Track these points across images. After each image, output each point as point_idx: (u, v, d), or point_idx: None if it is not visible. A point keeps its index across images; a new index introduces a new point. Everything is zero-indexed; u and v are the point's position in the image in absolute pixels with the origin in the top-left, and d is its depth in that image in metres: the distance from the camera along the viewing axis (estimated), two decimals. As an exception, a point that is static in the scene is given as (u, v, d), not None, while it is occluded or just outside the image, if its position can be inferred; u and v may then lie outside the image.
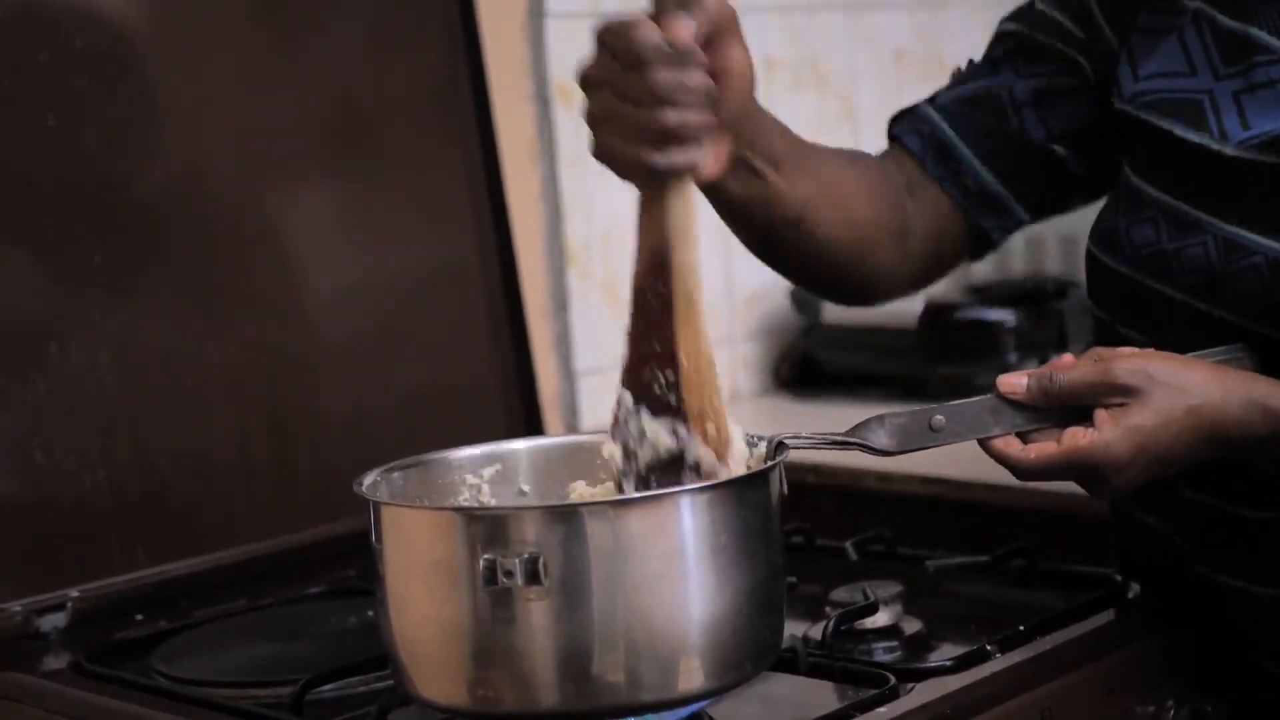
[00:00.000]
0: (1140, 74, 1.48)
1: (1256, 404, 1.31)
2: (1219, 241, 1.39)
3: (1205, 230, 1.40)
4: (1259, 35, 1.42)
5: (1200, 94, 1.43)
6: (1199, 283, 1.40)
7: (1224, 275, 1.39)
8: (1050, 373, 1.34)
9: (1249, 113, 1.40)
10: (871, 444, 1.34)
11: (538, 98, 2.31)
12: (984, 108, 1.57)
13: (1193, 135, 1.42)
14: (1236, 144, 1.39)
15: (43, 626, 1.69)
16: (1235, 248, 1.38)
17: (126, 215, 1.83)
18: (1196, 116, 1.42)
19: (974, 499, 1.90)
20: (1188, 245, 1.41)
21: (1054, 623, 1.50)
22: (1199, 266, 1.40)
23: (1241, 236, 1.38)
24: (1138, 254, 1.45)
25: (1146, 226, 1.44)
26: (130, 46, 1.86)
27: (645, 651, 1.21)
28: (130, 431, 1.81)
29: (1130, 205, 1.47)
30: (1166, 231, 1.43)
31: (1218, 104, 1.42)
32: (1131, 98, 1.48)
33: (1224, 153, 1.40)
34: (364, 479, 1.31)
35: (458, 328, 2.10)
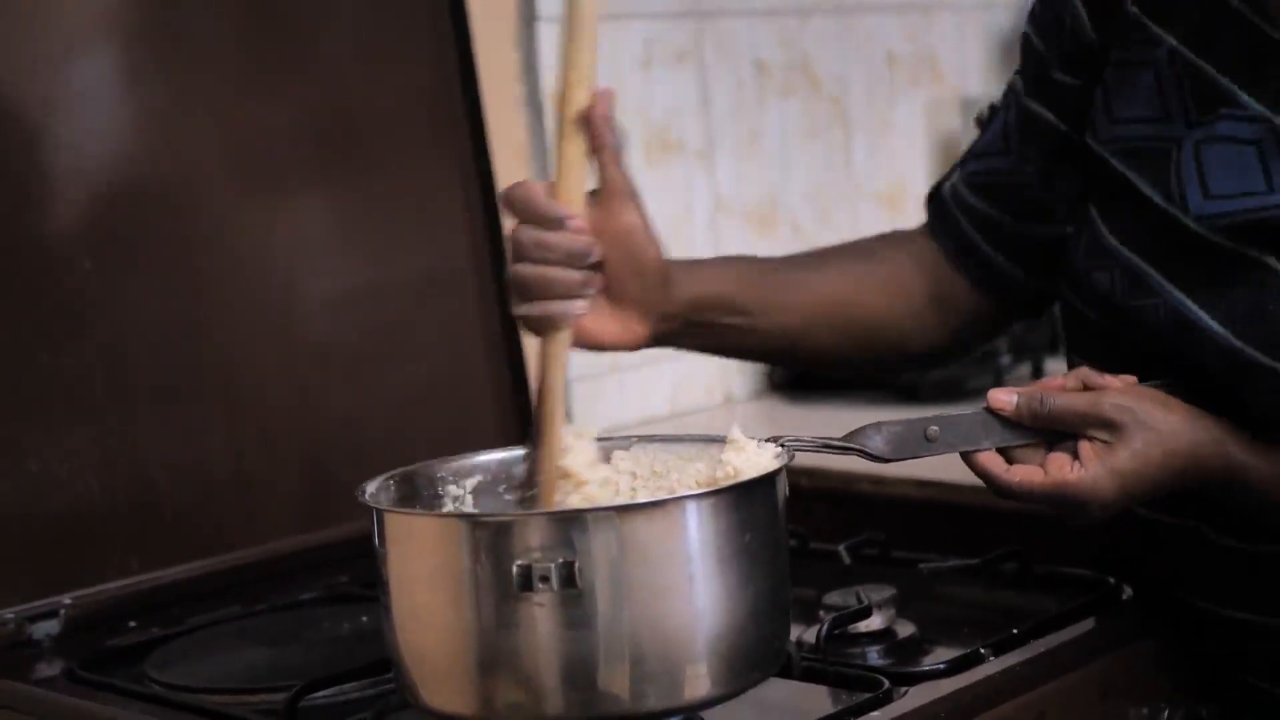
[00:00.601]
0: (1115, 115, 1.47)
1: (1220, 451, 1.35)
2: (1169, 311, 1.40)
3: (1157, 294, 1.41)
4: (1228, 86, 1.40)
5: (1169, 143, 1.42)
6: (1154, 344, 1.42)
7: (1176, 345, 1.40)
8: (1040, 395, 1.36)
9: (1209, 173, 1.39)
10: (868, 449, 1.36)
11: (529, 103, 2.31)
12: (1005, 198, 1.58)
13: (1157, 197, 1.41)
14: (1197, 218, 1.38)
15: (35, 634, 1.69)
16: (1185, 323, 1.39)
17: (117, 222, 1.83)
18: (1163, 174, 1.41)
19: (967, 502, 1.90)
20: (1142, 305, 1.42)
21: (1047, 626, 1.50)
22: (1154, 330, 1.41)
23: (1194, 314, 1.38)
24: (1096, 301, 1.46)
25: (1103, 276, 1.45)
26: (120, 54, 1.85)
27: (653, 658, 1.21)
28: (122, 438, 1.81)
29: (1090, 250, 1.47)
30: (1121, 286, 1.43)
31: (1182, 159, 1.40)
32: (1106, 141, 1.47)
33: (1186, 224, 1.39)
34: (367, 486, 1.31)
35: (450, 333, 2.09)
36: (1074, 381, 1.37)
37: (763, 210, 2.63)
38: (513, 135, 2.29)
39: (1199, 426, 1.35)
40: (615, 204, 1.38)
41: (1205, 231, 1.38)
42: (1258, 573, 1.44)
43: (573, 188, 1.36)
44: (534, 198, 1.34)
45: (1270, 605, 1.45)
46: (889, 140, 2.81)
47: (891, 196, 2.81)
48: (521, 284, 1.34)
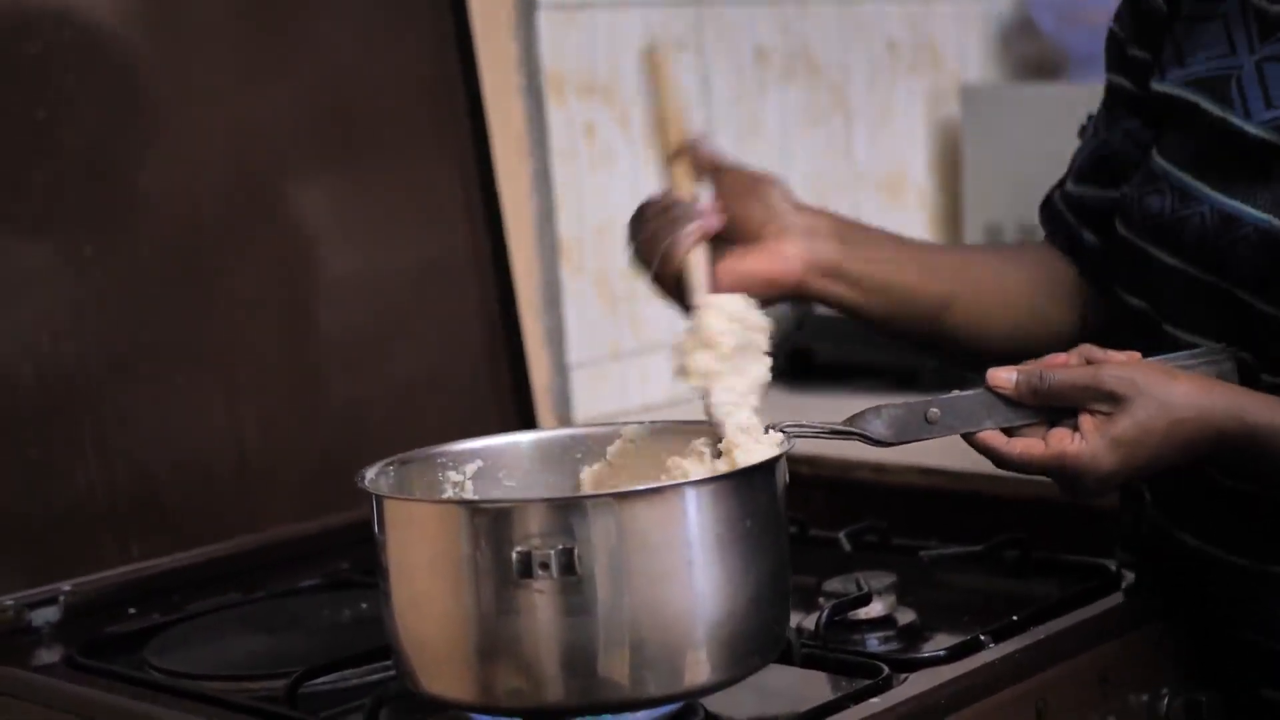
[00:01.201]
0: (1185, 59, 1.50)
1: (1235, 415, 1.34)
2: (1214, 213, 1.41)
3: (1203, 201, 1.43)
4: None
5: (1233, 69, 1.45)
6: (1199, 252, 1.43)
7: (1218, 245, 1.41)
8: (1040, 371, 1.35)
9: (1272, 86, 1.42)
10: (869, 434, 1.35)
11: (529, 91, 2.31)
12: (1097, 172, 1.60)
13: (1217, 109, 1.44)
14: (1260, 123, 1.41)
15: (35, 621, 1.69)
16: (1229, 219, 1.40)
17: (117, 208, 1.83)
18: (1224, 91, 1.44)
19: (968, 489, 1.90)
20: (1188, 214, 1.43)
21: (1048, 613, 1.50)
22: (1197, 236, 1.42)
23: (1236, 208, 1.40)
24: (1146, 223, 1.47)
25: (1155, 198, 1.47)
26: (120, 40, 1.85)
27: (653, 645, 1.21)
28: (123, 425, 1.81)
29: (1144, 178, 1.50)
30: (1172, 201, 1.45)
31: (1244, 78, 1.44)
32: (1173, 80, 1.50)
33: (1245, 130, 1.42)
34: (366, 472, 1.31)
35: (450, 322, 2.09)
36: (1076, 358, 1.37)
37: (763, 198, 2.62)
38: (512, 124, 2.28)
39: (1208, 393, 1.34)
40: (716, 173, 1.48)
41: (1264, 134, 1.40)
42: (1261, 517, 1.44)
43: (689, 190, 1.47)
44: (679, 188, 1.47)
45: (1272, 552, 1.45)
46: (889, 127, 2.81)
47: (892, 184, 2.81)
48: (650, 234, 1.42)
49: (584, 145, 2.36)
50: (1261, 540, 1.45)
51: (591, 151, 2.36)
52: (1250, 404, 1.35)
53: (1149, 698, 1.50)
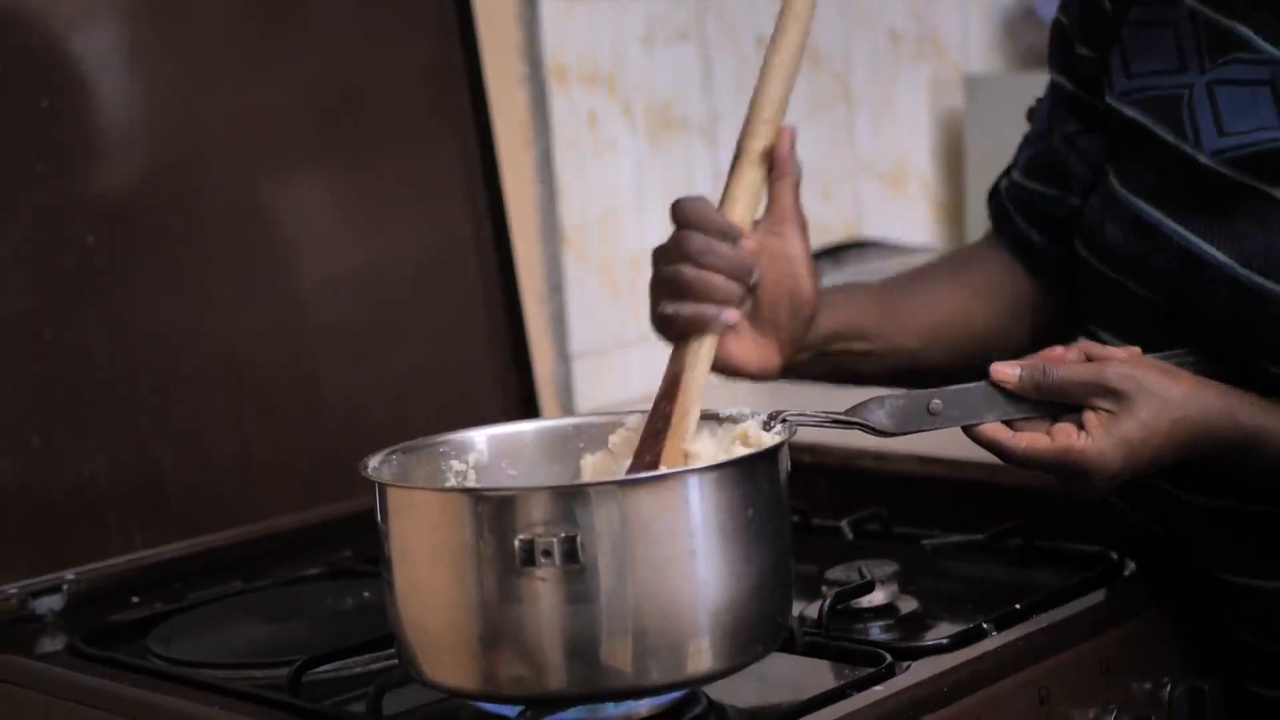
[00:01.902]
0: (1132, 70, 1.49)
1: (1230, 416, 1.35)
2: (1177, 251, 1.41)
3: (1164, 236, 1.42)
4: (1244, 33, 1.43)
5: (1183, 89, 1.44)
6: (1165, 289, 1.43)
7: (1184, 286, 1.41)
8: (1042, 366, 1.35)
9: (1224, 112, 1.41)
10: (871, 424, 1.35)
11: (532, 79, 2.31)
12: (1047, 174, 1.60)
13: (1170, 135, 1.44)
14: (1211, 153, 1.40)
15: (39, 609, 1.70)
16: (1193, 260, 1.40)
17: (121, 198, 1.83)
18: (1175, 115, 1.44)
19: (970, 478, 1.90)
20: (1149, 252, 1.43)
21: (1050, 601, 1.50)
22: (1161, 274, 1.42)
23: (1199, 248, 1.40)
24: (1110, 253, 1.47)
25: (1115, 228, 1.47)
26: (125, 29, 1.85)
27: (655, 633, 1.21)
28: (125, 414, 1.81)
29: (1104, 203, 1.49)
30: (1133, 236, 1.45)
31: (1195, 101, 1.43)
32: (1122, 94, 1.49)
33: (1197, 160, 1.41)
34: (369, 461, 1.31)
35: (453, 310, 2.09)
36: (1076, 353, 1.37)
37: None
38: (515, 113, 2.28)
39: (1207, 394, 1.35)
40: (785, 230, 1.41)
41: (1217, 165, 1.40)
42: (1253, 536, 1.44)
43: (744, 212, 1.40)
44: (709, 209, 1.38)
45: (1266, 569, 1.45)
46: (892, 117, 2.81)
47: (894, 173, 2.81)
48: (680, 284, 1.37)
49: (586, 134, 2.36)
50: (1253, 557, 1.46)
51: (594, 140, 2.36)
52: (1244, 406, 1.36)
53: (1151, 686, 1.50)
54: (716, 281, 1.36)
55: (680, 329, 1.38)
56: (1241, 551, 1.46)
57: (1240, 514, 1.44)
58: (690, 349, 1.37)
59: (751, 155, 1.39)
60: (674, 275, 1.37)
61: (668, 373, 1.37)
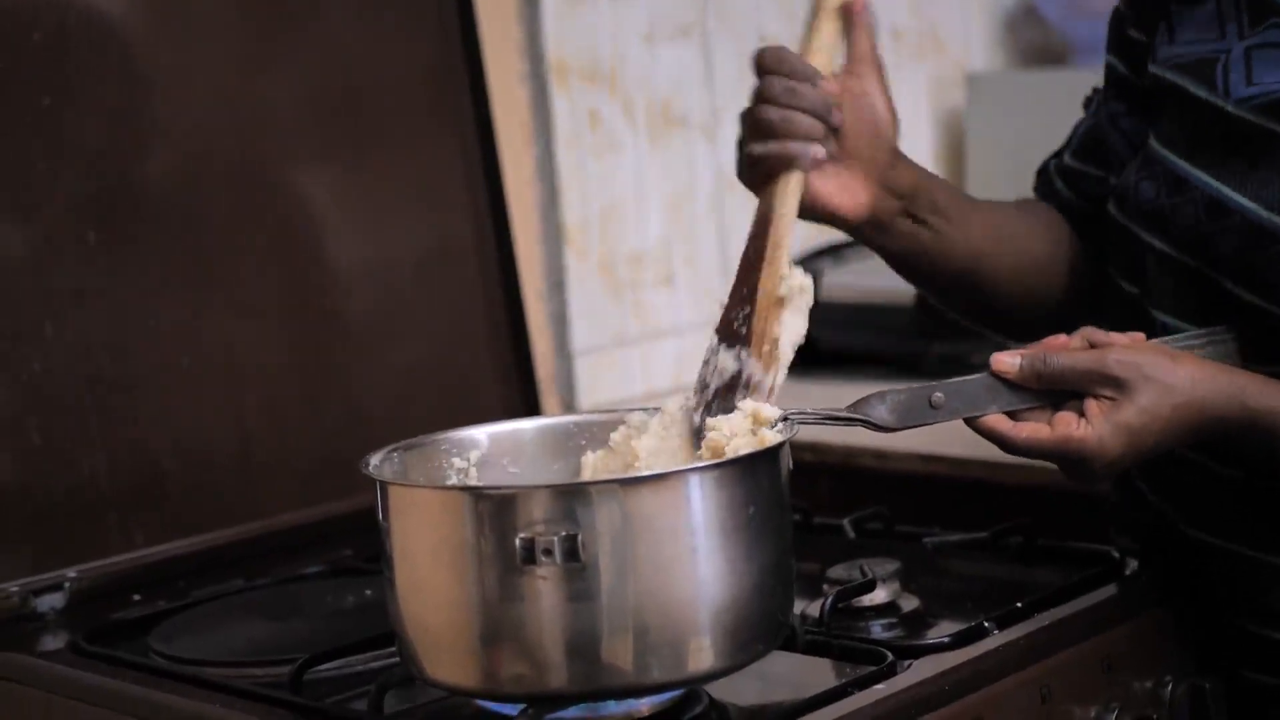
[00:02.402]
0: (1176, 40, 1.51)
1: (1236, 399, 1.35)
2: (1204, 200, 1.42)
3: (1193, 188, 1.43)
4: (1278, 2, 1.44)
5: (1220, 53, 1.46)
6: (1188, 239, 1.43)
7: (1208, 233, 1.41)
8: (1044, 354, 1.35)
9: (1256, 69, 1.43)
10: (873, 419, 1.35)
11: (533, 77, 2.31)
12: (1092, 152, 1.61)
13: (1202, 91, 1.45)
14: (1237, 101, 1.42)
15: (40, 607, 1.69)
16: (1218, 207, 1.41)
17: (122, 195, 1.83)
18: (1209, 73, 1.45)
19: (972, 476, 1.90)
20: (1179, 203, 1.44)
21: (1052, 599, 1.50)
22: (1188, 224, 1.43)
23: (1224, 195, 1.41)
24: (1140, 209, 1.48)
25: (1149, 184, 1.48)
26: (126, 27, 1.85)
27: (656, 631, 1.21)
28: (126, 412, 1.81)
29: (1141, 163, 1.50)
30: (1165, 188, 1.46)
31: (1230, 61, 1.44)
32: (1164, 61, 1.50)
33: (1225, 109, 1.42)
34: (371, 459, 1.31)
35: (454, 308, 2.09)
36: (1078, 341, 1.37)
37: (767, 185, 2.62)
38: (516, 111, 2.29)
39: (1210, 378, 1.35)
40: (863, 69, 1.47)
41: (1243, 113, 1.41)
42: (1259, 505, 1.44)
43: (824, 60, 1.45)
44: (789, 55, 1.42)
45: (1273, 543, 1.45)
46: (893, 114, 2.80)
47: (896, 171, 2.81)
48: (764, 124, 1.40)
49: (588, 132, 2.36)
50: (1259, 528, 1.45)
51: (595, 138, 2.36)
52: (1251, 388, 1.35)
53: (1153, 684, 1.49)
54: (800, 119, 1.40)
55: (768, 168, 1.41)
56: (1251, 521, 1.45)
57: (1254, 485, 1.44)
58: (778, 186, 1.41)
59: (828, 7, 1.45)
60: (758, 116, 1.41)
61: (758, 212, 1.41)
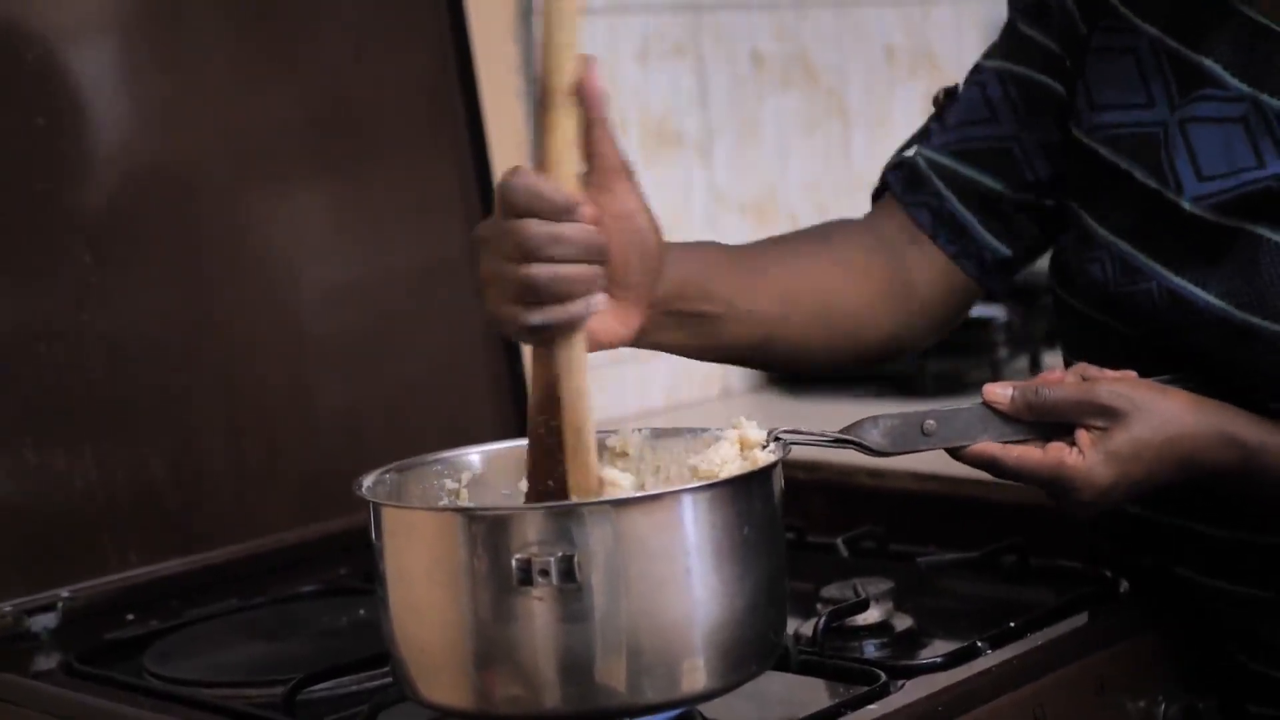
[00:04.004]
0: (1098, 102, 1.47)
1: (1226, 434, 1.34)
2: (1164, 292, 1.40)
3: (1150, 278, 1.41)
4: (1211, 68, 1.42)
5: (1156, 128, 1.43)
6: (1151, 326, 1.42)
7: (1173, 324, 1.40)
8: (1036, 387, 1.36)
9: (1199, 153, 1.40)
10: (865, 443, 1.35)
11: (528, 95, 2.31)
12: (984, 165, 1.54)
13: (1151, 181, 1.42)
14: (1192, 199, 1.39)
15: (33, 627, 1.69)
16: (1182, 301, 1.39)
17: (116, 214, 1.83)
18: (1153, 158, 1.42)
19: (965, 495, 1.90)
20: (1135, 290, 1.42)
21: (1045, 619, 1.50)
22: (1148, 311, 1.41)
23: (1189, 291, 1.39)
24: (1090, 292, 1.46)
25: (1096, 266, 1.45)
26: (120, 46, 1.86)
27: (650, 652, 1.21)
28: (121, 430, 1.81)
29: (1081, 243, 1.47)
30: (1114, 274, 1.44)
31: (1171, 144, 1.41)
32: (1091, 129, 1.47)
33: (1180, 206, 1.40)
34: (364, 480, 1.31)
35: (448, 325, 2.09)
36: (1072, 376, 1.37)
37: (761, 203, 2.63)
38: (511, 127, 2.29)
39: (1202, 413, 1.34)
40: (614, 185, 1.24)
41: (1200, 211, 1.39)
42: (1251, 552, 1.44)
43: (569, 172, 1.22)
44: (541, 186, 1.19)
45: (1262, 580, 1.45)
46: (887, 132, 2.81)
47: (889, 189, 2.81)
48: (535, 288, 1.19)
49: (582, 149, 2.36)
50: (1248, 565, 1.45)
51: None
52: (1242, 423, 1.35)
53: (1146, 704, 1.50)
54: (574, 274, 1.19)
55: (548, 338, 1.22)
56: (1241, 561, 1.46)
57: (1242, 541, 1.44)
58: (561, 354, 1.22)
59: (561, 95, 1.21)
60: (524, 278, 1.19)
61: (539, 382, 1.24)
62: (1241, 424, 1.35)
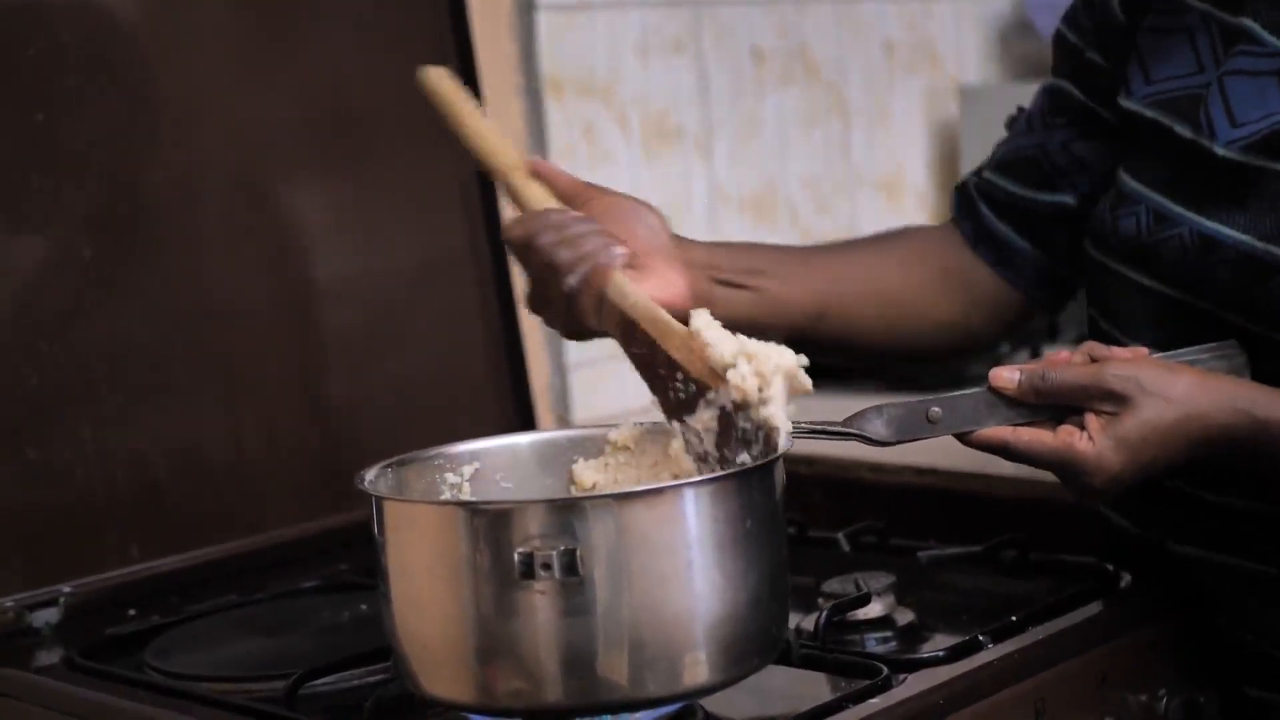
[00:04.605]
0: (1153, 76, 1.50)
1: (1241, 411, 1.33)
2: (1194, 234, 1.41)
3: (1179, 223, 1.42)
4: (1250, 26, 1.45)
5: (1201, 89, 1.46)
6: (1177, 273, 1.42)
7: (1198, 266, 1.41)
8: (1043, 370, 1.35)
9: (1234, 103, 1.42)
10: (869, 434, 1.35)
11: (528, 91, 2.32)
12: (1024, 170, 1.61)
13: (1187, 131, 1.44)
14: (1225, 143, 1.41)
15: (35, 622, 1.69)
16: (1209, 242, 1.40)
17: (117, 210, 1.83)
18: (1193, 113, 1.44)
19: (966, 490, 1.90)
20: (1166, 237, 1.43)
21: (1046, 613, 1.50)
22: (1175, 258, 1.42)
23: (1214, 230, 1.40)
24: (1123, 246, 1.46)
25: (1129, 220, 1.46)
26: (120, 42, 1.85)
27: (652, 645, 1.21)
28: (122, 426, 1.81)
29: (1117, 200, 1.49)
30: (1147, 224, 1.45)
31: (1210, 97, 1.44)
32: (1143, 98, 1.50)
33: (1214, 151, 1.42)
34: (366, 474, 1.31)
35: (449, 321, 2.10)
36: (1080, 356, 1.36)
37: (761, 198, 2.63)
38: (511, 123, 2.29)
39: (1212, 389, 1.34)
40: (588, 195, 1.42)
41: (1231, 154, 1.41)
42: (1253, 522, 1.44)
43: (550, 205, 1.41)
44: (524, 213, 1.40)
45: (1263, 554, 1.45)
46: (887, 128, 2.81)
47: (890, 184, 2.81)
48: (558, 260, 1.35)
49: (582, 145, 2.36)
50: (1254, 539, 1.45)
51: (590, 151, 2.37)
52: (1259, 398, 1.34)
53: (1147, 698, 1.50)
54: (583, 233, 1.36)
55: (590, 286, 1.36)
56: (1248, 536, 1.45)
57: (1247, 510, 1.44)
58: (612, 291, 1.36)
59: (512, 172, 1.44)
60: (547, 258, 1.36)
61: (613, 329, 1.38)
62: (1258, 399, 1.34)
